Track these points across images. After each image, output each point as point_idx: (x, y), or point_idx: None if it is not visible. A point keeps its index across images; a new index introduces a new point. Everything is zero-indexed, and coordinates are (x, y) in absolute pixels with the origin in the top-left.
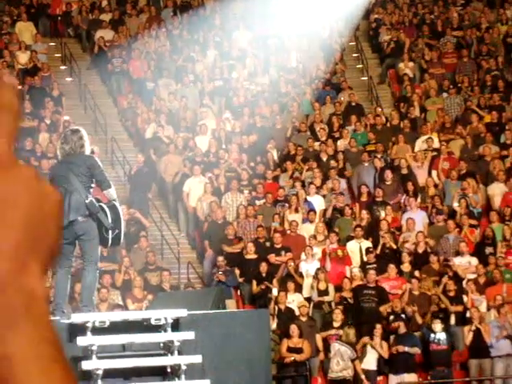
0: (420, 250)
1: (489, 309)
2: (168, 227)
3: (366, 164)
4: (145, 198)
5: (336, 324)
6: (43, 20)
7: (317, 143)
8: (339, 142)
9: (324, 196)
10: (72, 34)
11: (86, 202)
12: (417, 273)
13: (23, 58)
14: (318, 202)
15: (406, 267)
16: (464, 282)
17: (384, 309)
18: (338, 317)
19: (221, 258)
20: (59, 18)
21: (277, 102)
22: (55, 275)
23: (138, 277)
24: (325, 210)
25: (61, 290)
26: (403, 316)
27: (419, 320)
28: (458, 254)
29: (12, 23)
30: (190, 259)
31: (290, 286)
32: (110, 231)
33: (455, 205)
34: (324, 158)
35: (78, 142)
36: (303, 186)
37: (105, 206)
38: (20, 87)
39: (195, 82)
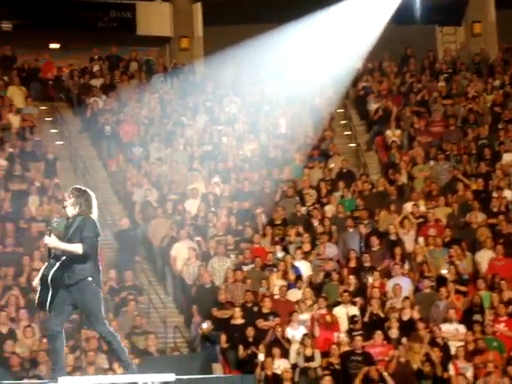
0: (406, 317)
1: (476, 377)
2: (155, 291)
3: (351, 230)
4: (132, 260)
5: None
6: (34, 84)
7: (304, 208)
8: (327, 208)
9: (310, 261)
10: (63, 97)
11: None
12: (404, 339)
13: (15, 121)
14: (304, 268)
15: (394, 333)
16: (452, 350)
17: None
18: (325, 383)
19: (207, 323)
20: (50, 82)
21: (265, 167)
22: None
23: (125, 340)
24: (312, 275)
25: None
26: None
27: None
28: (446, 320)
29: (4, 87)
30: (178, 323)
31: (277, 351)
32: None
33: (444, 272)
34: (315, 223)
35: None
36: (286, 251)
37: None
38: (11, 150)
39: (185, 146)
